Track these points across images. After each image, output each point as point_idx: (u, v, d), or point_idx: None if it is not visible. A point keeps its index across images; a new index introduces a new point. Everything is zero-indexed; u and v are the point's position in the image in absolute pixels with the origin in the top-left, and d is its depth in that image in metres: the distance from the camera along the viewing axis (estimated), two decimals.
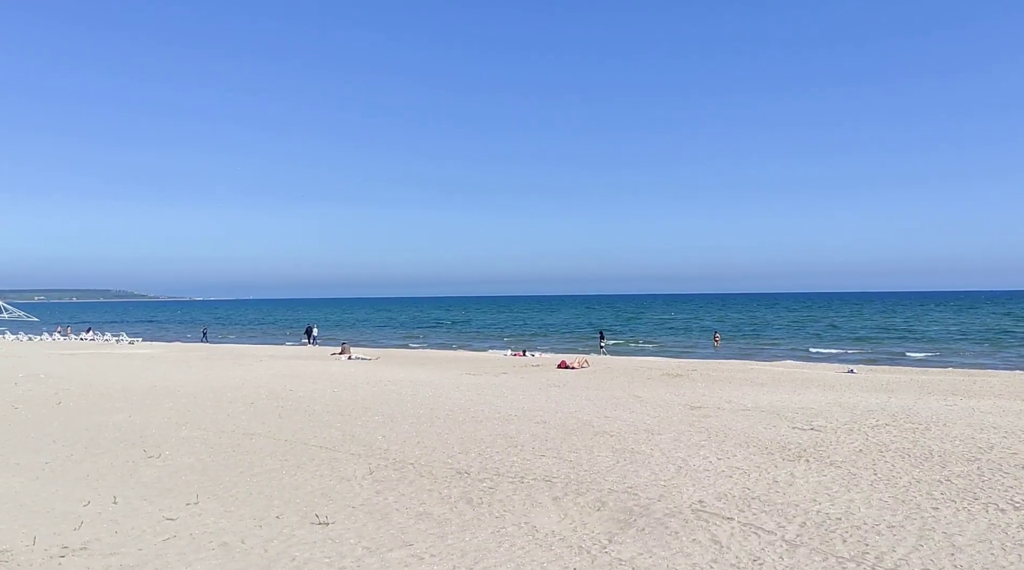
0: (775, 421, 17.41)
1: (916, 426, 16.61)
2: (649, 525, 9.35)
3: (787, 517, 9.66)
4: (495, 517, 9.80)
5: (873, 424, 16.89)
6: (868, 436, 15.42)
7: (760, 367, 35.18)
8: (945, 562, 7.96)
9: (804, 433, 15.82)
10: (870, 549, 8.39)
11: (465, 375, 29.91)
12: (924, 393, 23.22)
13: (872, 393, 23.21)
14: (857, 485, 11.33)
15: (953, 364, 39.60)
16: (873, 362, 40.43)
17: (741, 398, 21.72)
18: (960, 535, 8.88)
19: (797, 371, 32.61)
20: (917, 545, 8.52)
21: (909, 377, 29.54)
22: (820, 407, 19.77)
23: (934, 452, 13.78)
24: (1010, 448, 14.12)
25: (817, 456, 13.46)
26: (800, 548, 8.46)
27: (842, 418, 17.81)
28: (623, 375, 29.60)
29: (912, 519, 9.54)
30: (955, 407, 19.77)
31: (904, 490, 11.02)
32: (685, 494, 10.82)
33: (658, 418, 17.95)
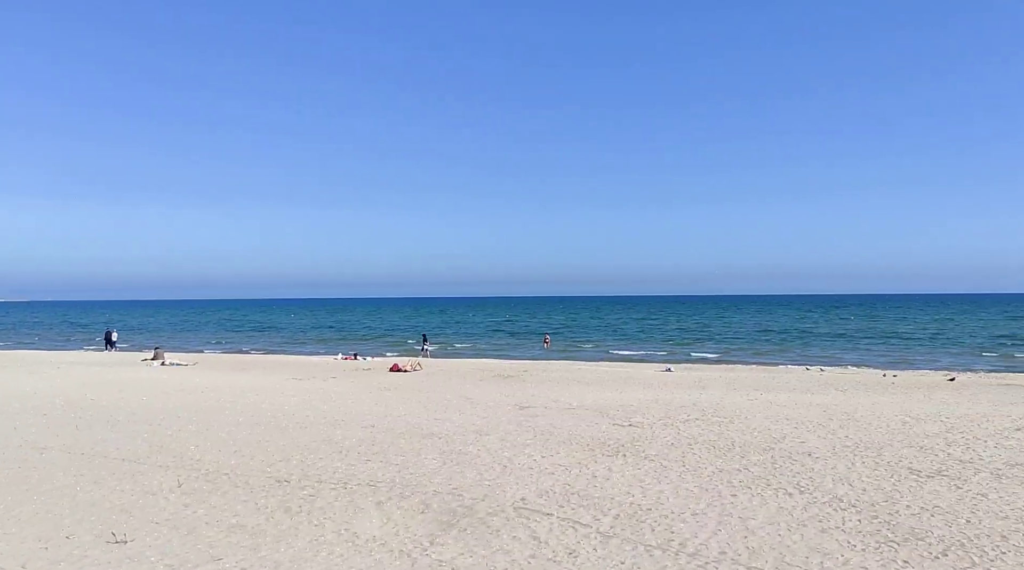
0: (598, 419, 18.19)
1: (722, 420, 17.95)
2: (472, 525, 9.45)
3: (603, 510, 10.10)
4: (314, 525, 9.52)
5: (685, 419, 18.06)
6: (680, 430, 16.47)
7: (587, 367, 36.67)
8: (739, 544, 8.64)
9: (623, 429, 16.63)
10: (675, 536, 8.95)
11: (291, 380, 28.87)
12: (731, 389, 25.15)
13: (686, 390, 24.83)
14: (667, 477, 12.06)
15: (745, 362, 43.20)
16: (677, 361, 43.30)
17: (568, 397, 22.52)
18: (753, 519, 9.67)
19: (621, 370, 34.28)
20: (716, 530, 9.19)
21: (719, 374, 31.90)
22: (639, 404, 20.89)
23: (736, 443, 14.94)
24: (799, 438, 15.57)
25: (634, 451, 14.19)
26: (613, 539, 8.87)
27: (658, 414, 18.91)
28: (456, 377, 29.79)
29: (713, 506, 10.28)
30: (756, 401, 21.56)
31: (708, 479, 11.86)
32: (509, 493, 11.04)
33: (487, 419, 18.21)
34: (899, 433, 16.08)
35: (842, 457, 13.58)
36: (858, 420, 17.89)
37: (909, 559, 8.15)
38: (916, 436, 15.71)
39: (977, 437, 15.57)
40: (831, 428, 16.72)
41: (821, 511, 10.04)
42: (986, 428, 16.73)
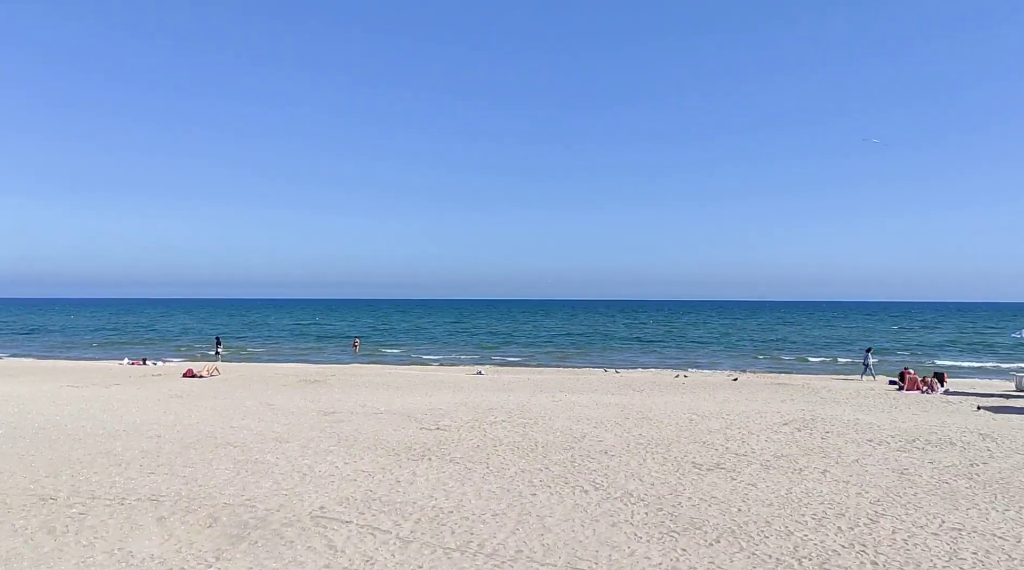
0: (405, 423, 18.04)
1: (527, 421, 18.45)
2: (264, 537, 8.98)
3: (404, 515, 9.99)
4: (82, 546, 8.62)
5: (492, 421, 18.37)
6: (486, 432, 16.72)
7: (398, 370, 36.34)
8: (535, 542, 8.87)
9: (430, 433, 16.61)
10: (474, 537, 9.03)
11: (67, 387, 26.14)
12: (537, 391, 25.93)
13: (495, 392, 25.29)
14: (471, 479, 12.17)
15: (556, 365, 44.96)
16: (493, 362, 44.19)
17: (375, 402, 22.16)
18: (551, 516, 9.98)
19: (431, 374, 34.31)
20: (515, 529, 9.38)
21: (527, 376, 32.81)
22: (448, 407, 20.98)
23: (539, 444, 15.40)
24: (598, 437, 16.34)
25: (439, 454, 14.20)
26: (412, 543, 8.79)
27: (466, 417, 19.09)
28: (257, 383, 28.38)
29: (513, 506, 10.50)
30: (560, 402, 22.39)
31: (510, 480, 12.11)
32: (307, 501, 10.62)
33: (289, 425, 17.49)
34: (686, 430, 17.33)
35: (635, 454, 14.40)
36: (651, 419, 19.08)
37: (687, 547, 8.76)
38: (700, 432, 17.01)
39: (751, 432, 17.13)
40: (627, 427, 17.70)
41: (613, 506, 10.56)
42: (759, 423, 18.45)
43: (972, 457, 14.36)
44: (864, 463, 13.73)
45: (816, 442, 15.90)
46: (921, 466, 13.49)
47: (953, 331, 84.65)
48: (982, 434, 17.07)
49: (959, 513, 10.35)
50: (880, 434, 16.97)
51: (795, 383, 30.57)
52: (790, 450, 14.98)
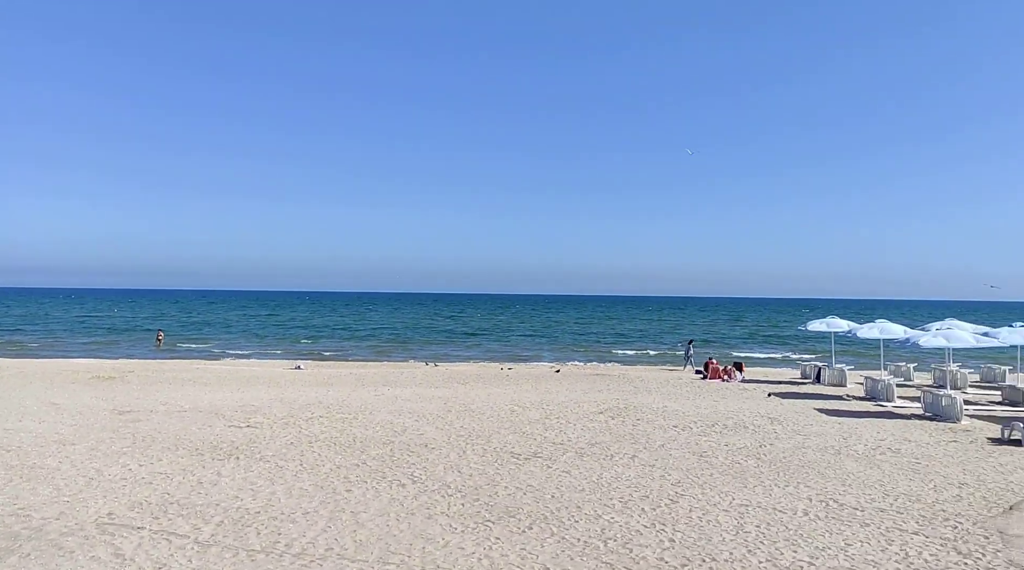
0: (212, 420, 16.98)
1: (346, 416, 17.97)
2: (38, 548, 8.06)
3: (205, 518, 9.35)
4: None
5: (308, 417, 17.72)
6: (302, 429, 16.09)
7: (208, 365, 34.27)
8: (347, 539, 8.59)
9: (240, 431, 15.74)
10: (282, 537, 8.60)
11: None
12: (360, 385, 25.38)
13: (314, 387, 24.46)
14: (282, 477, 11.63)
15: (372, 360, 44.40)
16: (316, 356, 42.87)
17: (180, 399, 20.70)
18: (365, 512, 9.73)
19: (246, 369, 32.65)
20: (327, 527, 9.05)
21: (349, 371, 32.05)
22: (261, 403, 20.01)
23: (358, 439, 15.03)
24: (419, 430, 16.21)
25: (249, 452, 13.47)
26: (212, 547, 8.22)
27: (280, 413, 18.28)
28: (39, 380, 25.64)
29: (326, 503, 10.13)
30: (382, 396, 22.03)
31: (325, 477, 11.70)
32: (92, 508, 9.67)
33: (76, 426, 15.91)
34: (507, 421, 17.62)
35: (455, 446, 14.42)
36: (473, 411, 19.23)
37: (501, 535, 8.84)
38: (520, 423, 17.35)
39: (569, 421, 17.70)
40: (449, 419, 17.71)
41: (430, 499, 10.47)
42: (576, 413, 19.12)
43: (761, 439, 15.67)
44: (669, 447, 14.58)
45: (628, 429, 16.70)
46: (718, 448, 14.53)
47: (751, 324, 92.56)
48: (771, 418, 18.69)
49: (747, 490, 11.23)
50: (684, 420, 18.13)
51: (612, 373, 32.07)
52: (603, 437, 15.62)
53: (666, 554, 8.19)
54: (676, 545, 8.53)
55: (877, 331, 25.08)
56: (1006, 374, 28.95)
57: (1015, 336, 21.97)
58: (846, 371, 28.51)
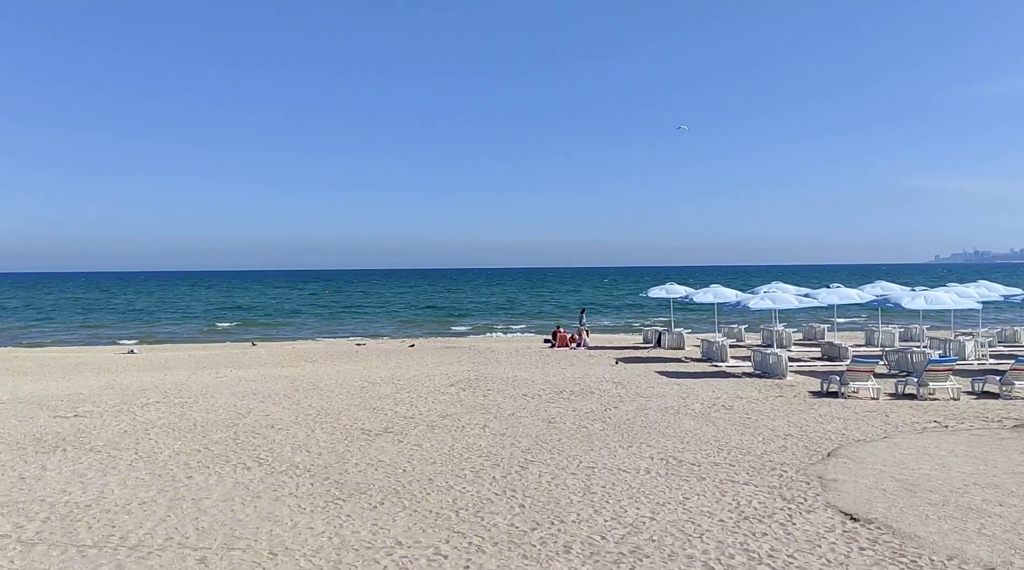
0: (34, 411, 15.71)
1: (185, 400, 17.15)
2: None
3: (29, 515, 8.70)
4: None
5: (143, 403, 16.76)
6: (136, 416, 15.22)
7: (28, 353, 31.51)
8: (189, 527, 8.28)
9: (67, 421, 14.67)
10: (116, 530, 8.17)
11: None
12: (199, 368, 24.24)
13: (149, 372, 23.12)
14: (116, 467, 10.99)
15: None
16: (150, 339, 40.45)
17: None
18: (207, 498, 9.40)
19: (72, 354, 30.32)
20: (166, 516, 8.67)
21: (188, 354, 30.51)
22: (90, 391, 18.69)
23: (198, 423, 14.41)
24: (265, 411, 15.76)
25: (77, 443, 12.60)
26: (38, 546, 7.69)
27: (112, 400, 17.17)
28: None
29: (165, 492, 9.70)
30: (224, 378, 21.17)
31: (163, 465, 11.16)
32: None
33: None
34: (357, 397, 17.46)
35: (303, 425, 14.16)
36: (322, 389, 18.90)
37: (352, 512, 8.83)
38: (371, 399, 17.26)
39: (420, 395, 17.80)
40: (296, 399, 17.32)
41: (278, 480, 10.27)
42: (428, 386, 19.25)
43: (607, 403, 16.47)
44: (519, 416, 15.03)
45: (479, 400, 17.03)
46: (566, 414, 15.14)
47: (595, 293, 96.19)
48: (615, 382, 19.66)
49: (593, 453, 11.81)
50: (534, 388, 18.71)
51: (463, 346, 32.46)
52: (455, 409, 15.85)
53: (516, 519, 8.50)
54: (526, 510, 8.87)
55: (711, 295, 26.90)
56: (825, 332, 31.91)
57: (832, 296, 24.24)
58: (684, 335, 30.44)
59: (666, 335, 30.00)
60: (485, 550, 7.51)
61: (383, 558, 7.31)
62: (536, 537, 7.88)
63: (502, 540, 7.80)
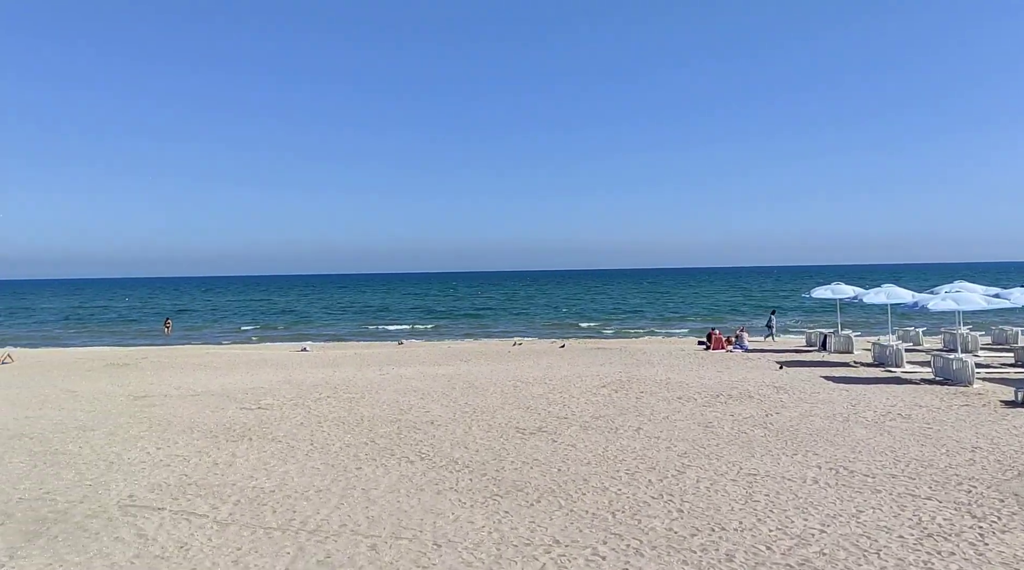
0: (224, 403, 17.27)
1: (353, 396, 18.24)
2: (65, 531, 8.33)
3: (222, 498, 9.62)
4: None
5: (316, 398, 17.99)
6: (311, 409, 16.36)
7: (217, 350, 34.61)
8: (360, 515, 8.85)
9: (251, 412, 16.02)
10: (297, 515, 8.86)
11: None
12: (364, 365, 25.66)
13: (320, 368, 24.75)
14: (294, 457, 11.89)
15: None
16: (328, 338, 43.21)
17: (192, 383, 21.01)
18: (376, 489, 9.99)
19: (255, 352, 32.98)
20: (339, 504, 9.31)
21: (354, 352, 32.34)
22: (270, 386, 20.29)
23: (365, 418, 15.29)
24: (425, 408, 16.47)
25: (261, 433, 13.74)
26: (231, 526, 8.49)
27: (289, 394, 18.56)
28: (58, 368, 26.00)
29: (338, 481, 10.40)
30: (387, 376, 22.30)
31: (335, 455, 11.96)
32: (114, 491, 9.95)
33: (94, 413, 16.22)
34: (511, 396, 17.87)
35: (461, 422, 14.67)
36: (477, 387, 19.48)
37: (509, 509, 9.09)
38: (524, 398, 17.60)
39: (572, 395, 17.94)
40: (453, 397, 17.97)
41: (439, 475, 10.73)
42: (579, 387, 19.36)
43: (767, 408, 15.88)
44: (673, 419, 14.81)
45: (632, 402, 16.94)
46: (723, 419, 14.75)
47: (754, 294, 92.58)
48: (776, 387, 18.90)
49: (755, 460, 11.45)
50: (689, 391, 18.36)
51: (614, 347, 32.31)
52: (607, 411, 15.86)
53: (675, 524, 8.42)
54: (685, 515, 8.76)
55: (884, 296, 25.06)
56: (1019, 336, 28.81)
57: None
58: (853, 337, 28.66)
59: (832, 338, 28.40)
60: (643, 553, 7.50)
61: (541, 555, 7.48)
62: (696, 543, 7.77)
63: (660, 544, 7.76)
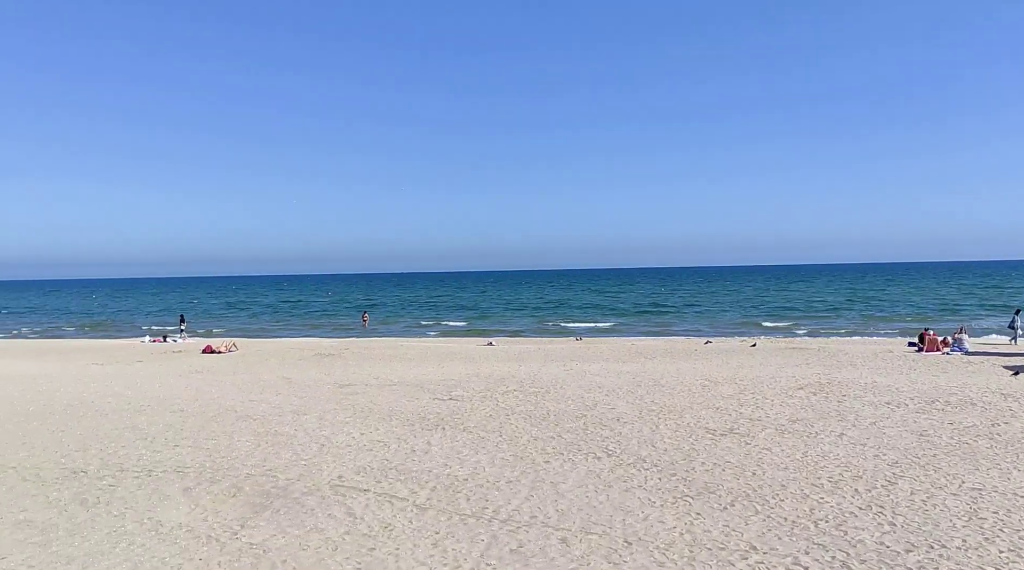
0: (418, 393, 18.21)
1: (538, 390, 18.55)
2: (285, 506, 9.15)
3: (420, 483, 10.13)
4: (113, 516, 8.84)
5: (503, 391, 18.50)
6: (499, 402, 16.84)
7: (409, 343, 36.59)
8: (550, 508, 8.97)
9: (443, 403, 16.76)
10: (489, 504, 9.15)
11: (91, 365, 26.56)
12: (548, 361, 26.04)
13: (505, 363, 25.43)
14: (485, 447, 12.29)
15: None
16: (516, 334, 44.40)
17: (388, 374, 22.36)
18: (564, 483, 10.09)
19: (444, 345, 34.51)
20: (529, 495, 9.50)
21: (538, 347, 32.93)
22: (460, 378, 21.13)
23: (551, 412, 15.50)
24: (610, 404, 16.41)
25: (453, 423, 14.34)
26: (429, 510, 8.93)
27: (478, 387, 19.23)
28: (273, 357, 28.68)
29: (527, 473, 10.61)
30: (571, 372, 22.47)
31: (523, 448, 12.22)
32: (325, 471, 10.79)
33: (305, 398, 17.70)
34: (699, 396, 17.37)
35: (647, 421, 14.47)
36: (664, 386, 19.13)
37: (701, 511, 8.83)
38: (713, 398, 17.05)
39: (765, 397, 17.14)
40: (639, 394, 17.76)
41: (626, 472, 10.64)
42: (773, 388, 18.45)
43: (994, 417, 14.30)
44: (882, 426, 13.71)
45: (832, 406, 15.90)
46: (941, 427, 13.45)
47: (975, 291, 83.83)
48: (1004, 394, 16.98)
49: (980, 473, 10.34)
50: (899, 396, 16.93)
51: (810, 347, 30.50)
52: (805, 414, 14.99)
53: (886, 538, 7.79)
54: (897, 529, 8.08)
55: None
56: None
57: None
58: None
59: None
60: (851, 567, 7.01)
61: (738, 561, 7.20)
62: (912, 560, 7.14)
63: (870, 558, 7.21)
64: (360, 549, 7.71)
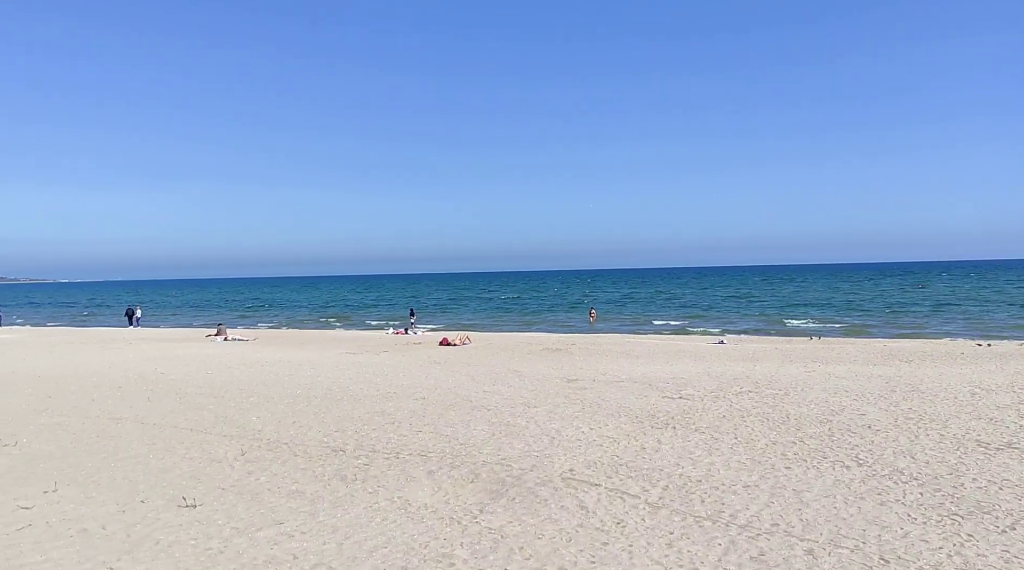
0: (647, 391, 18.00)
1: (776, 392, 17.57)
2: (520, 494, 9.45)
3: (651, 481, 9.99)
4: (368, 493, 9.66)
5: (737, 391, 17.74)
6: (732, 403, 16.18)
7: (636, 340, 36.34)
8: (793, 517, 8.43)
9: (673, 401, 16.42)
10: (726, 508, 8.79)
11: (345, 354, 29.34)
12: (786, 361, 24.60)
13: (738, 362, 24.39)
14: (718, 449, 11.85)
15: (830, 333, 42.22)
16: (753, 332, 42.57)
17: (616, 370, 22.35)
18: (808, 491, 9.43)
19: (671, 343, 33.88)
20: (769, 502, 8.99)
21: (774, 346, 31.23)
22: (690, 376, 20.60)
23: (791, 416, 14.61)
24: (859, 410, 15.13)
25: (684, 423, 13.99)
26: (662, 509, 8.76)
27: (709, 386, 18.61)
28: (504, 351, 29.85)
29: (766, 478, 10.06)
30: (813, 373, 21.04)
31: (761, 452, 11.62)
32: (556, 463, 11.00)
33: (535, 391, 18.20)
34: (967, 405, 15.49)
35: (904, 430, 13.15)
36: (923, 392, 17.29)
37: (974, 533, 7.84)
38: (985, 408, 15.11)
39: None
40: (893, 400, 16.21)
41: (880, 484, 9.73)
42: None
43: None
44: None
45: None
46: None
47: None
48: None
49: None
50: None
51: None
52: None
53: None
54: None
55: None
56: None
57: None
58: None
59: None
60: None
61: None
62: None
63: None
64: (594, 542, 7.74)
